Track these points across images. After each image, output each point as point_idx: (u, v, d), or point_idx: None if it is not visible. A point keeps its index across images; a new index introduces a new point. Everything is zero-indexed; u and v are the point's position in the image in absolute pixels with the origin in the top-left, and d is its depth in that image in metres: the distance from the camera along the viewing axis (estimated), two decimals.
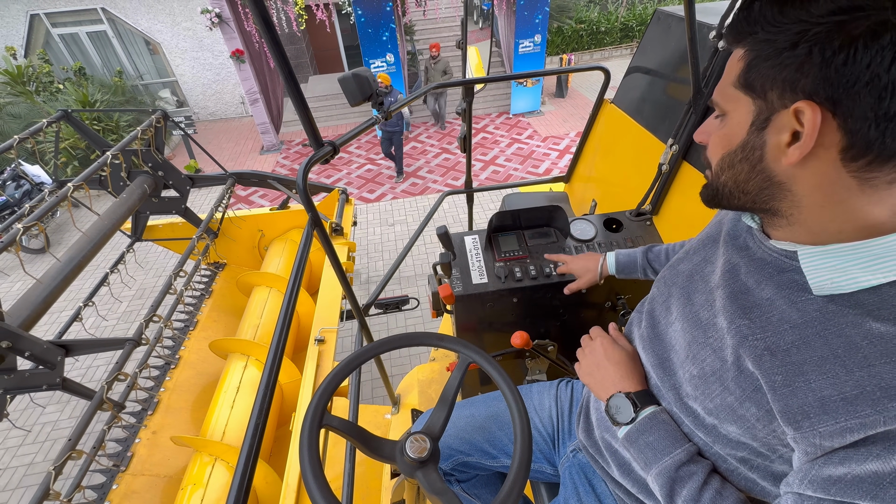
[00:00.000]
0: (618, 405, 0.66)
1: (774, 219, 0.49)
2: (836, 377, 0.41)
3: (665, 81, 1.51)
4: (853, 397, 0.40)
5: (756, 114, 0.45)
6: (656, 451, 0.60)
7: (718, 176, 0.51)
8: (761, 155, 0.45)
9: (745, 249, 0.55)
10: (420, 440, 0.63)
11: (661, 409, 0.63)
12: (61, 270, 1.61)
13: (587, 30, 9.65)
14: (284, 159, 6.87)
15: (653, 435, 0.61)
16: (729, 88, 0.47)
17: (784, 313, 0.47)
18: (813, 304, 0.45)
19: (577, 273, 1.11)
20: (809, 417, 0.42)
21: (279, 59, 0.70)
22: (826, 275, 0.44)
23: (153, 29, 7.44)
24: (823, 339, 0.43)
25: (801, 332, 0.45)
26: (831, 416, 0.41)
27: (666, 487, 0.57)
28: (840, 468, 0.40)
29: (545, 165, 6.07)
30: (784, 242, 0.49)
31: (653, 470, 0.60)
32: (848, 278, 0.43)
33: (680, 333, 0.61)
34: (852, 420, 0.39)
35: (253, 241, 2.86)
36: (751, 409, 0.49)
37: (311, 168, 0.80)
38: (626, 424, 0.64)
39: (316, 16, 6.00)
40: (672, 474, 0.57)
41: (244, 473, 0.70)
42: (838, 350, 0.42)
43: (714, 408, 0.53)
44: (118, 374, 1.59)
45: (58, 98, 6.36)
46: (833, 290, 0.44)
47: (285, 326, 0.86)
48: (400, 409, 1.75)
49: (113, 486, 1.60)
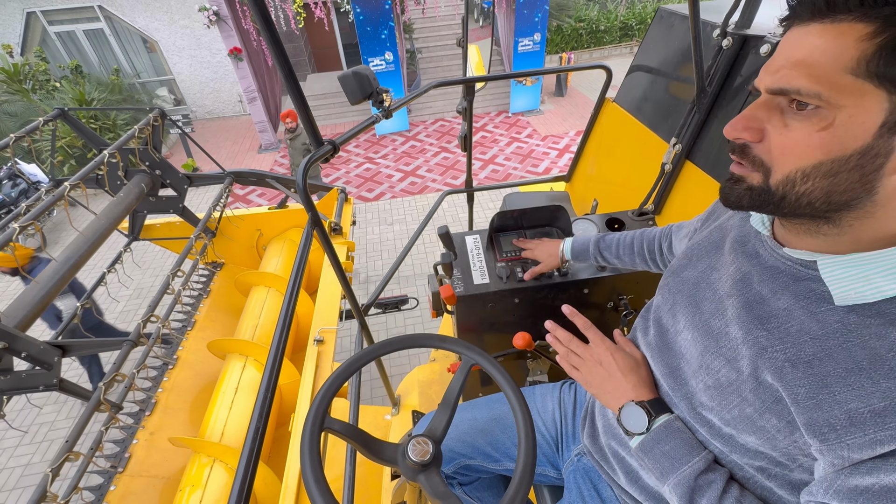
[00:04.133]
0: (630, 414, 0.63)
1: (817, 226, 0.44)
2: (862, 389, 0.40)
3: (667, 80, 1.50)
4: (881, 409, 0.38)
5: (889, 112, 0.36)
6: (673, 461, 0.58)
7: (795, 184, 0.41)
8: (882, 164, 0.37)
9: (755, 257, 0.53)
10: (422, 443, 0.62)
11: (675, 418, 0.61)
12: (58, 270, 1.60)
13: (587, 28, 9.65)
14: (283, 158, 6.85)
15: (669, 444, 0.59)
16: (840, 76, 0.37)
17: (803, 324, 0.45)
18: (833, 315, 0.43)
19: (540, 258, 1.18)
20: (836, 430, 0.41)
21: (279, 57, 0.69)
22: (849, 284, 0.42)
23: (150, 27, 7.41)
24: (847, 351, 0.41)
25: (823, 344, 0.43)
26: (859, 429, 0.39)
27: (685, 498, 0.56)
28: (868, 478, 0.39)
29: (545, 164, 6.07)
30: (801, 251, 0.47)
31: (671, 480, 0.58)
32: (872, 287, 0.41)
33: (691, 342, 0.59)
34: (882, 432, 0.38)
35: (251, 241, 2.84)
36: (771, 421, 0.47)
37: (310, 167, 0.79)
38: (639, 434, 0.62)
39: (314, 14, 5.97)
40: (691, 483, 0.55)
41: (245, 475, 0.69)
42: (863, 362, 0.40)
43: (732, 419, 0.52)
44: (115, 375, 1.57)
45: (54, 96, 6.32)
46: (856, 300, 0.42)
47: (286, 327, 0.85)
48: (400, 410, 1.75)
49: (110, 488, 1.58)
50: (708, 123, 1.25)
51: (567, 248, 1.11)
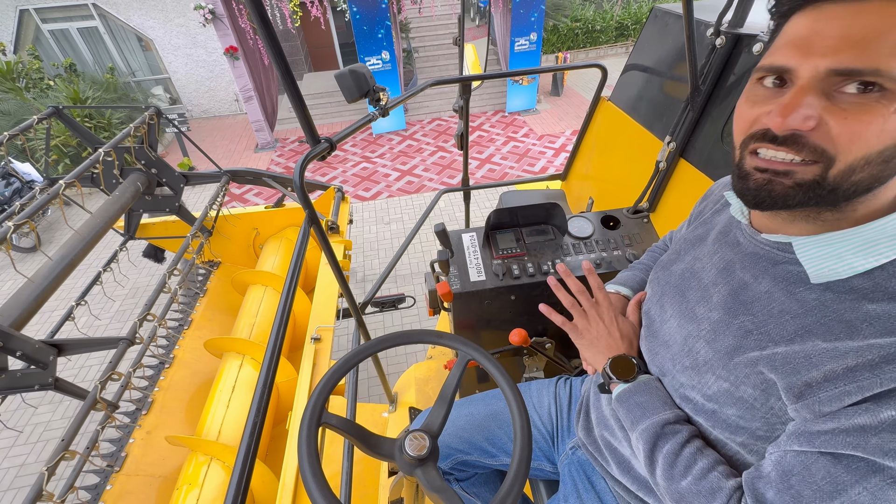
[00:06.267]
0: (618, 364, 0.67)
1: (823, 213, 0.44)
2: (837, 352, 0.42)
3: (662, 79, 1.51)
4: (854, 366, 0.41)
5: None
6: (645, 410, 0.61)
7: (853, 173, 0.39)
8: None
9: (736, 245, 0.56)
10: (419, 438, 0.63)
11: (656, 378, 0.65)
12: (53, 269, 1.59)
13: (582, 28, 9.66)
14: (279, 157, 6.83)
15: (644, 396, 0.62)
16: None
17: (784, 305, 0.47)
18: (811, 294, 0.46)
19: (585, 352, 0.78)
20: (811, 387, 0.43)
21: (275, 55, 0.69)
22: (823, 262, 0.45)
23: (145, 25, 7.36)
24: (825, 326, 0.44)
25: (803, 321, 0.45)
26: (832, 384, 0.42)
27: (650, 442, 0.59)
28: (830, 423, 0.42)
29: (541, 163, 6.07)
30: (776, 235, 0.50)
31: (639, 427, 0.61)
32: (844, 264, 0.43)
33: (676, 330, 0.62)
34: (851, 384, 0.40)
35: (248, 240, 2.83)
36: (748, 391, 0.49)
37: (308, 164, 0.79)
38: (624, 382, 0.65)
39: (310, 12, 5.95)
40: (657, 430, 0.58)
41: (242, 473, 0.69)
42: (840, 333, 0.42)
43: (712, 394, 0.54)
44: (112, 374, 1.57)
45: (48, 95, 6.27)
46: (830, 276, 0.44)
47: (283, 325, 0.85)
48: (397, 407, 1.75)
49: (107, 487, 1.58)
50: (702, 122, 1.26)
51: (629, 294, 0.83)
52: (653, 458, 0.58)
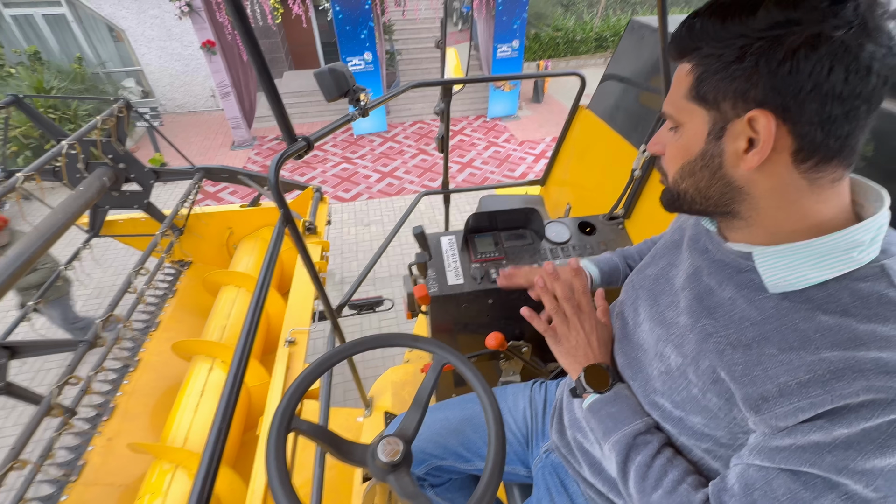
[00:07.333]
0: (593, 374, 0.68)
1: (734, 221, 0.52)
2: (790, 365, 0.44)
3: (638, 90, 1.56)
4: (806, 381, 0.42)
5: (712, 124, 0.47)
6: (617, 421, 0.63)
7: (678, 183, 0.53)
8: (720, 162, 0.48)
9: (705, 252, 0.58)
10: (392, 443, 0.62)
11: (626, 387, 0.66)
12: (7, 267, 1.50)
13: (563, 38, 9.85)
14: (256, 155, 6.68)
15: (616, 406, 0.64)
16: (681, 101, 0.49)
17: (744, 311, 0.50)
18: (769, 302, 0.48)
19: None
20: (768, 401, 0.45)
21: (251, 49, 0.68)
22: (779, 273, 0.47)
23: (117, 15, 7.08)
24: (780, 334, 0.46)
25: (761, 328, 0.47)
26: (787, 399, 0.43)
27: (623, 454, 0.60)
28: (787, 440, 0.43)
29: (521, 169, 6.15)
30: (740, 244, 0.52)
31: (611, 438, 0.62)
32: (798, 276, 0.46)
33: (648, 333, 0.63)
34: (804, 400, 0.42)
35: (221, 239, 2.75)
36: (713, 400, 0.51)
37: (283, 163, 0.77)
38: (597, 393, 0.66)
39: (292, 10, 5.86)
40: (630, 441, 0.60)
41: (205, 479, 0.67)
42: (794, 343, 0.44)
43: (681, 400, 0.56)
44: (69, 378, 1.49)
45: (9, 83, 5.94)
46: (786, 287, 0.47)
47: (253, 325, 0.83)
48: (373, 411, 1.73)
49: (62, 498, 1.50)
50: None
51: (595, 273, 0.94)
52: (625, 471, 0.60)
